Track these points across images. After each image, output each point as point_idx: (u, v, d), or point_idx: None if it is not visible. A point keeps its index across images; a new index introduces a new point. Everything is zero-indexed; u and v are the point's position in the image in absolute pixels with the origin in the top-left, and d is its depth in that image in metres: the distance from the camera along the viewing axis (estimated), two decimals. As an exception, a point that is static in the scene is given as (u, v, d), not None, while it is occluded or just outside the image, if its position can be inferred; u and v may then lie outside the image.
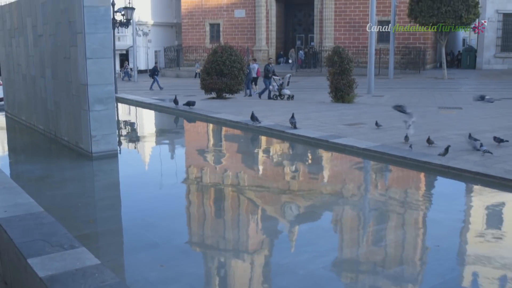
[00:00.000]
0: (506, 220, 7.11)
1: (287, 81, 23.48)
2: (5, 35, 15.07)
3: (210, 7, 48.72)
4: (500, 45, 41.76)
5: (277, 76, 24.48)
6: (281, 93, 23.18)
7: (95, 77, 9.63)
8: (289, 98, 22.83)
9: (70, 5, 9.89)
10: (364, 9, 41.44)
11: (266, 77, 24.74)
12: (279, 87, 23.33)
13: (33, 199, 5.98)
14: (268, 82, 24.58)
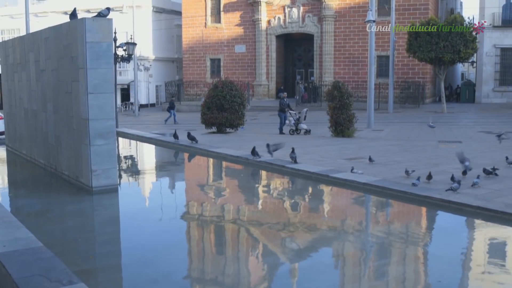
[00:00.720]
0: (508, 254, 7.06)
1: (304, 115, 23.10)
2: (8, 70, 15.21)
3: (210, 43, 49.25)
4: (499, 79, 42.09)
5: (293, 111, 24.21)
6: (298, 128, 22.74)
7: (96, 111, 9.68)
8: (306, 132, 22.41)
9: (72, 40, 10.01)
10: (363, 44, 41.89)
11: (282, 111, 24.25)
12: (296, 121, 22.86)
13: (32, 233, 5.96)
14: (283, 116, 24.15)
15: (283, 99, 24.89)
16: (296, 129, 22.78)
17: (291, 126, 23.19)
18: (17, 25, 53.45)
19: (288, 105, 24.45)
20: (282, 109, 24.25)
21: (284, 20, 45.91)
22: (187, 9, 49.95)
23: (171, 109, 34.09)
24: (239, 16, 47.75)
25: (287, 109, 24.04)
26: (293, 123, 23.09)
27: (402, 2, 41.21)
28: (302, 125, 22.71)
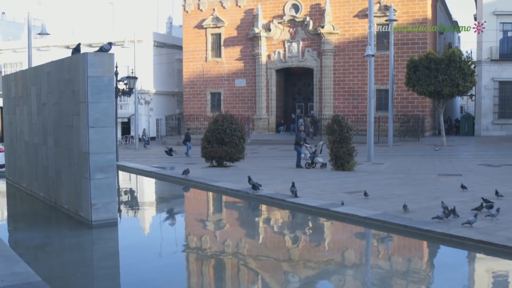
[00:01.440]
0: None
1: (320, 149, 22.61)
2: (9, 103, 15.31)
3: (211, 77, 49.62)
4: (498, 112, 42.29)
5: (308, 144, 23.81)
6: (314, 161, 22.24)
7: (97, 145, 9.71)
8: (322, 166, 21.90)
9: (74, 75, 10.10)
10: (362, 78, 42.20)
11: (298, 144, 23.52)
12: (312, 155, 22.43)
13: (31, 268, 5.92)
14: (300, 149, 23.44)
15: (300, 132, 24.33)
16: (312, 163, 22.25)
17: (307, 159, 22.73)
18: (19, 59, 53.99)
19: (304, 139, 23.94)
20: (298, 142, 23.56)
21: (284, 54, 46.34)
22: (188, 44, 50.47)
23: (186, 141, 34.08)
24: (240, 50, 48.23)
25: (302, 142, 23.45)
26: (309, 156, 22.64)
27: (401, 36, 41.67)
28: (318, 158, 22.18)
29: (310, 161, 22.37)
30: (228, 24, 48.54)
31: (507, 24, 42.39)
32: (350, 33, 44.01)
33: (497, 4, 41.51)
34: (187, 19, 50.63)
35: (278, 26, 46.12)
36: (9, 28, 63.19)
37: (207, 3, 49.49)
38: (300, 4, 45.61)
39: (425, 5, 41.98)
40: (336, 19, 44.32)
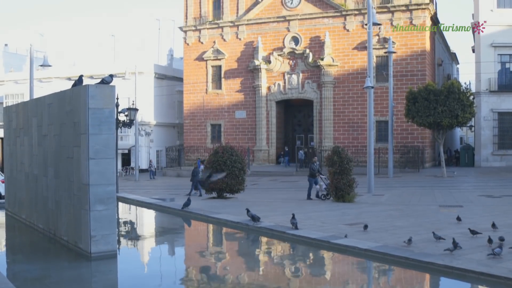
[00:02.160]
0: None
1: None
2: (10, 134, 15.35)
3: (211, 108, 49.85)
4: (497, 143, 42.33)
5: (323, 175, 23.28)
6: (329, 193, 21.79)
7: (97, 177, 9.71)
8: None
9: (75, 106, 10.16)
10: (362, 110, 42.39)
11: (312, 175, 23.19)
12: (327, 186, 21.93)
13: (29, 301, 5.87)
14: (313, 180, 23.11)
15: (314, 164, 23.84)
16: (327, 194, 21.79)
17: (322, 191, 22.34)
18: (21, 90, 54.31)
19: (318, 170, 23.63)
20: (313, 173, 23.16)
21: (284, 86, 46.63)
22: (189, 76, 50.85)
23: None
24: (240, 82, 48.56)
25: (318, 174, 23.11)
26: (324, 188, 22.22)
27: (400, 68, 42.01)
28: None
29: (326, 193, 21.92)
30: (228, 56, 48.98)
31: (504, 56, 42.77)
32: (349, 65, 44.39)
33: (494, 36, 41.93)
34: (188, 52, 51.11)
35: (278, 58, 46.53)
36: (12, 59, 63.72)
37: (207, 35, 50.01)
38: (299, 36, 46.09)
39: (423, 37, 42.42)
40: (335, 51, 44.73)
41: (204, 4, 50.28)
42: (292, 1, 46.72)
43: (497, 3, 42.29)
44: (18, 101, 52.09)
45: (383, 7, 42.77)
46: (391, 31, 42.43)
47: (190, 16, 50.74)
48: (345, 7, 44.56)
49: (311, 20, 45.89)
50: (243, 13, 48.45)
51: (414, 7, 42.39)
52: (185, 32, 50.97)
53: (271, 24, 47.33)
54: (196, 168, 28.88)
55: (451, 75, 59.79)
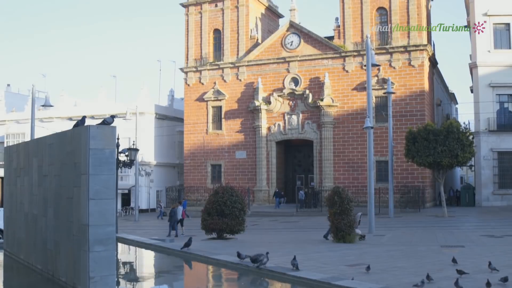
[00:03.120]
0: None
1: (358, 220, 22.01)
2: (10, 174, 15.35)
3: (212, 149, 49.98)
4: (498, 182, 42.26)
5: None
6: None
7: (96, 217, 9.68)
8: (361, 238, 21.34)
9: (76, 147, 10.20)
10: (362, 150, 42.51)
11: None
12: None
13: None
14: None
15: None
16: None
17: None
18: (22, 130, 54.58)
19: None
20: None
21: (284, 126, 46.88)
22: (189, 116, 51.17)
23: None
24: (240, 123, 48.84)
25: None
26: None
27: (399, 108, 42.31)
28: (357, 230, 21.55)
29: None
30: (228, 97, 49.39)
31: (503, 96, 43.12)
32: (349, 105, 44.73)
33: (492, 76, 42.38)
34: (188, 92, 51.57)
35: (278, 99, 46.90)
36: (14, 99, 64.21)
37: (208, 76, 50.54)
38: (299, 77, 46.58)
39: (422, 78, 42.87)
40: (335, 92, 45.13)
41: (204, 46, 50.98)
42: (291, 43, 47.36)
43: (494, 44, 42.89)
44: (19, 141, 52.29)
45: (381, 49, 43.34)
46: (390, 72, 42.90)
47: (191, 57, 51.39)
48: (344, 49, 45.15)
49: (310, 61, 46.45)
50: (243, 54, 49.08)
51: (412, 48, 42.97)
52: (186, 73, 51.55)
53: (271, 65, 47.90)
54: (174, 208, 29.40)
55: (450, 115, 60.15)
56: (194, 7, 51.78)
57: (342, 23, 45.74)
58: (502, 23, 43.14)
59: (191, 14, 51.84)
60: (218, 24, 50.91)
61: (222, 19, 50.67)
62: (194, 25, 51.69)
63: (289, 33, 47.71)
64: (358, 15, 45.01)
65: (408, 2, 43.39)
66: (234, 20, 50.09)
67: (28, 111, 46.03)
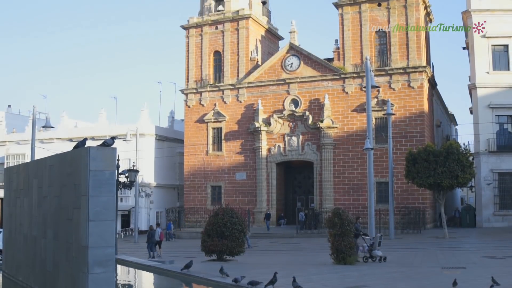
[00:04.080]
0: None
1: (378, 241, 21.74)
2: (10, 195, 15.34)
3: (212, 170, 49.94)
4: (498, 203, 42.17)
5: (368, 236, 22.97)
6: (372, 255, 21.32)
7: (96, 239, 9.65)
8: (381, 260, 21.04)
9: (76, 168, 10.22)
10: (362, 171, 42.49)
11: (355, 236, 22.23)
12: (370, 247, 21.52)
13: None
14: (356, 240, 22.13)
15: (357, 224, 23.39)
16: (370, 256, 21.31)
17: (365, 252, 21.69)
18: (22, 151, 54.63)
19: (361, 230, 22.96)
20: (356, 234, 22.23)
21: (284, 148, 46.92)
22: (189, 138, 51.24)
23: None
24: (240, 144, 48.88)
25: (361, 233, 22.64)
26: (366, 249, 21.68)
27: (399, 130, 42.38)
28: (377, 251, 21.33)
29: (368, 255, 21.45)
30: (229, 118, 49.52)
31: (502, 117, 43.23)
32: (349, 127, 44.82)
33: (491, 97, 42.53)
34: (188, 114, 51.70)
35: (278, 120, 47.02)
36: (14, 120, 64.41)
37: (208, 98, 50.73)
38: (299, 99, 46.74)
39: (421, 99, 43.02)
40: (334, 113, 45.26)
41: (205, 68, 51.26)
42: (291, 65, 47.63)
43: (492, 66, 43.14)
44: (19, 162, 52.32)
45: (381, 70, 43.56)
46: (390, 93, 43.07)
47: (192, 79, 51.63)
48: (344, 70, 45.39)
49: (310, 83, 46.66)
50: (244, 76, 49.33)
51: (411, 70, 43.19)
52: (186, 94, 51.75)
53: (271, 87, 48.11)
54: (151, 230, 29.74)
55: (450, 136, 60.25)
56: (194, 29, 52.17)
57: (342, 45, 46.02)
58: (500, 44, 43.43)
59: (191, 36, 52.21)
60: (219, 46, 51.24)
61: (222, 41, 51.02)
62: (194, 47, 52.03)
63: (289, 55, 47.99)
64: (358, 37, 45.32)
65: (406, 25, 43.71)
66: (234, 42, 50.43)
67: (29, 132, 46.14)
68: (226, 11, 51.24)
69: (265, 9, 54.26)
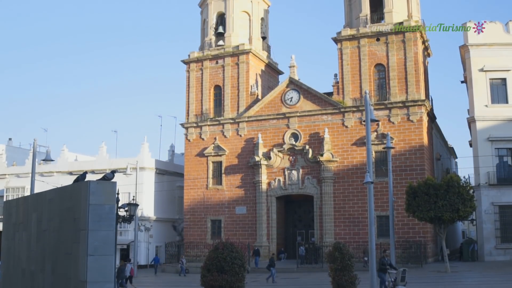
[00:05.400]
0: None
1: (401, 276, 21.43)
2: (9, 229, 15.28)
3: (211, 204, 49.76)
4: (500, 237, 41.91)
5: (394, 270, 22.52)
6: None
7: (95, 274, 9.59)
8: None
9: (76, 202, 10.21)
10: (362, 205, 42.37)
11: (382, 270, 22.17)
12: (393, 282, 21.30)
13: None
14: (384, 275, 22.19)
15: (384, 258, 22.99)
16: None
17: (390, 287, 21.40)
18: (22, 184, 54.56)
19: (390, 264, 22.50)
20: (382, 268, 22.06)
21: (284, 182, 46.83)
22: (189, 172, 51.18)
23: (271, 267, 33.00)
24: (240, 178, 48.81)
25: (387, 268, 22.18)
26: (392, 285, 21.45)
27: (399, 163, 42.39)
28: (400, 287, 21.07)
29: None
30: (229, 152, 49.58)
31: (502, 150, 43.32)
32: (349, 160, 44.85)
33: (490, 130, 42.69)
34: (189, 147, 51.78)
35: (278, 154, 47.06)
36: (15, 153, 64.50)
37: (208, 132, 50.88)
38: (299, 133, 46.88)
39: (421, 132, 43.16)
40: (334, 147, 45.34)
41: (205, 102, 51.55)
42: (291, 99, 47.91)
43: (491, 99, 43.44)
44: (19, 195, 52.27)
45: (380, 104, 43.80)
46: (389, 127, 43.21)
47: (192, 113, 51.87)
48: (343, 104, 45.64)
49: (310, 117, 46.88)
50: (244, 110, 49.57)
51: (410, 103, 43.43)
52: (187, 128, 51.91)
53: (271, 121, 48.30)
54: (122, 266, 29.58)
55: (450, 169, 60.22)
56: (195, 64, 52.63)
57: (341, 79, 46.38)
58: (498, 78, 43.81)
59: (192, 71, 52.65)
60: (219, 80, 51.62)
61: (222, 75, 51.42)
62: (195, 81, 52.41)
63: (289, 89, 48.31)
64: (357, 71, 45.70)
65: (405, 59, 44.13)
66: (234, 77, 50.82)
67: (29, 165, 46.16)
68: (226, 46, 51.78)
69: (265, 44, 54.84)
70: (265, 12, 55.05)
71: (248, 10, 52.88)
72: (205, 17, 54.09)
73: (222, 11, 52.97)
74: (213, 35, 53.08)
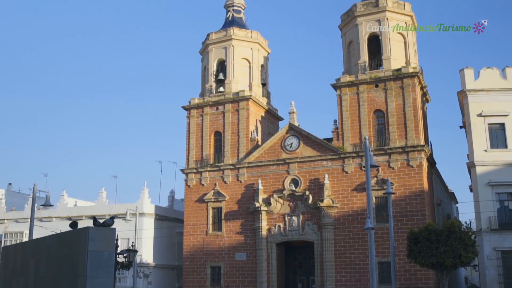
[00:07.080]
0: None
1: None
2: (6, 274, 15.15)
3: (211, 250, 49.31)
4: (503, 282, 41.30)
5: None
6: None
7: (92, 321, 9.50)
8: None
9: (75, 249, 10.19)
10: (363, 251, 42.01)
11: None
12: None
13: None
14: None
15: None
16: None
17: None
18: (21, 229, 54.22)
19: None
20: None
21: (284, 228, 46.52)
22: (189, 217, 50.91)
23: None
24: (240, 224, 48.52)
25: None
26: None
27: (399, 208, 42.22)
28: None
29: None
30: (229, 198, 49.44)
31: (502, 194, 43.15)
32: (349, 206, 44.68)
33: (490, 175, 42.65)
34: (188, 193, 51.65)
35: (278, 200, 46.91)
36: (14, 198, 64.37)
37: (208, 178, 50.85)
38: (299, 179, 46.85)
39: (421, 178, 43.13)
40: (334, 192, 45.24)
41: (205, 148, 51.71)
42: (291, 145, 48.06)
43: (490, 144, 43.53)
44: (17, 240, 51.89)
45: (380, 150, 43.92)
46: (389, 173, 43.21)
47: (192, 158, 51.96)
48: (343, 150, 45.76)
49: (310, 163, 46.92)
50: (244, 156, 49.67)
51: (410, 149, 43.54)
52: (187, 174, 51.91)
53: (271, 166, 48.33)
54: None
55: (451, 215, 59.92)
56: (195, 110, 53.04)
57: (341, 125, 46.63)
58: (497, 123, 44.01)
59: (192, 117, 53.01)
60: (219, 127, 51.91)
61: (223, 121, 51.74)
62: (195, 127, 52.71)
63: (289, 135, 48.53)
64: (356, 117, 45.99)
65: (404, 105, 44.48)
66: (234, 123, 51.12)
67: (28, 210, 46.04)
68: (226, 92, 52.29)
69: (265, 91, 55.37)
70: (265, 59, 55.79)
71: (248, 57, 53.61)
72: (206, 64, 54.81)
73: (222, 58, 53.71)
74: (213, 81, 53.67)
